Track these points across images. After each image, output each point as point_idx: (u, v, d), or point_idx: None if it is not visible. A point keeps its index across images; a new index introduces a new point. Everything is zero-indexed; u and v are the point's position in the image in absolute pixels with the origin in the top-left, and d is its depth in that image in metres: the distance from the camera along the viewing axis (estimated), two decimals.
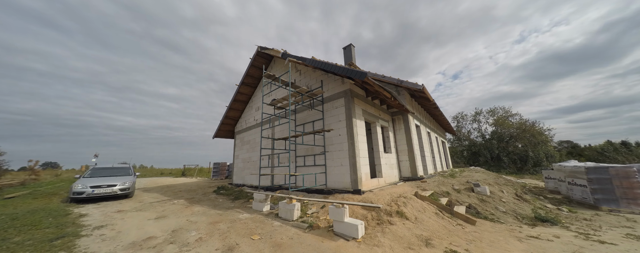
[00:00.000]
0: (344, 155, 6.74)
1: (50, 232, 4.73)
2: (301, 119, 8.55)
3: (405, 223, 4.63)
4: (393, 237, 4.09)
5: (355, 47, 11.05)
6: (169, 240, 4.26)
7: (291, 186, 7.84)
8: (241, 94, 12.20)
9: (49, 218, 5.76)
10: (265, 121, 10.38)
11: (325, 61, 6.68)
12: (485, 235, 4.64)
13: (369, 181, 7.01)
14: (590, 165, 8.63)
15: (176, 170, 28.05)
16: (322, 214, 5.19)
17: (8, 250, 3.82)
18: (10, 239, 4.29)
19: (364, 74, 5.47)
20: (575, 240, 4.53)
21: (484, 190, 8.45)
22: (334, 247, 3.79)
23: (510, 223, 6.00)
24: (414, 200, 5.96)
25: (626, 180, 7.52)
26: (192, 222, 5.44)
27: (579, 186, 8.64)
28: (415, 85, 7.84)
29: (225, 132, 14.01)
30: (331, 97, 7.60)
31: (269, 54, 9.76)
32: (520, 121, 26.12)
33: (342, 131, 6.94)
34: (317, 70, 8.26)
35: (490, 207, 7.20)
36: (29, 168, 14.68)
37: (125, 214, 6.41)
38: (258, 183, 9.38)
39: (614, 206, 7.51)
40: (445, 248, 3.80)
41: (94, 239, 4.40)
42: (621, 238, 4.70)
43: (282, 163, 9.10)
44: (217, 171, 19.18)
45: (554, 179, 10.97)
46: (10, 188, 11.19)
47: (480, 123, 30.02)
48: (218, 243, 4.10)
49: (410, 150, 9.50)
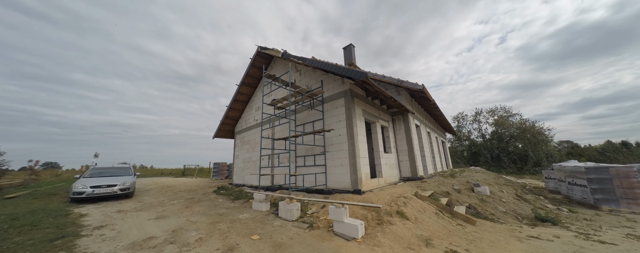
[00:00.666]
0: (344, 155, 6.74)
1: (50, 232, 4.74)
2: (301, 119, 8.55)
3: (405, 223, 4.63)
4: (393, 237, 4.09)
5: (355, 47, 11.06)
6: (169, 240, 4.27)
7: (291, 186, 7.84)
8: (241, 94, 12.21)
9: (49, 218, 5.77)
10: (266, 121, 10.38)
11: (325, 61, 6.68)
12: (485, 235, 4.64)
13: (369, 181, 7.01)
14: (590, 165, 8.63)
15: (176, 170, 28.06)
16: (322, 214, 5.18)
17: (8, 250, 3.83)
18: (11, 239, 4.29)
19: (364, 74, 5.47)
20: (575, 240, 4.53)
21: (484, 190, 8.46)
22: (334, 247, 3.79)
23: (510, 223, 6.00)
24: (414, 200, 5.96)
25: (626, 179, 7.53)
26: (192, 222, 5.44)
27: (579, 186, 8.64)
28: (415, 85, 7.83)
29: (225, 132, 14.02)
30: (331, 97, 7.60)
31: (269, 54, 9.77)
32: (520, 121, 26.14)
33: (342, 131, 6.94)
34: (317, 70, 8.27)
35: (491, 207, 7.21)
36: (29, 168, 14.67)
37: (125, 214, 6.42)
38: (258, 183, 9.37)
39: (614, 206, 7.51)
40: (445, 249, 3.80)
41: (94, 239, 4.40)
42: (621, 239, 4.70)
43: (282, 163, 9.10)
44: (217, 171, 19.20)
45: (554, 179, 10.98)
46: (11, 188, 11.20)
47: (480, 123, 30.07)
48: (218, 243, 4.10)
49: (411, 150, 9.50)
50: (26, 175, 14.23)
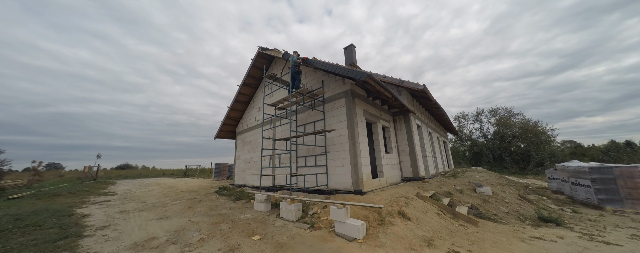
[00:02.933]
0: (345, 156, 6.73)
1: (53, 232, 4.77)
2: (302, 120, 8.55)
3: (407, 224, 4.61)
4: (395, 237, 4.07)
5: (356, 47, 11.05)
6: (171, 241, 4.28)
7: (292, 186, 7.83)
8: (242, 95, 12.24)
9: (53, 218, 5.81)
10: (267, 122, 10.39)
11: (326, 62, 6.68)
12: (487, 236, 4.61)
13: (371, 181, 7.00)
14: (593, 165, 8.56)
15: (178, 171, 28.17)
16: (324, 215, 5.18)
17: (12, 250, 3.85)
18: (15, 239, 4.33)
19: (365, 74, 5.47)
20: (579, 240, 4.49)
21: (486, 191, 8.41)
22: (335, 248, 3.78)
23: (513, 223, 5.96)
24: (415, 201, 5.94)
25: (631, 179, 7.45)
26: (194, 223, 5.45)
27: (582, 187, 8.57)
28: (416, 85, 7.82)
29: (226, 133, 14.04)
30: (332, 97, 7.59)
31: (270, 54, 9.79)
32: (523, 120, 25.99)
33: (343, 132, 6.93)
34: (318, 70, 8.27)
35: (493, 208, 7.17)
36: (32, 169, 14.80)
37: (127, 214, 6.45)
38: (259, 183, 9.38)
39: (618, 207, 7.44)
40: (447, 249, 3.78)
41: (97, 239, 4.42)
42: (626, 239, 4.65)
43: (284, 164, 9.11)
44: (219, 172, 19.25)
45: (557, 179, 10.90)
46: (15, 189, 11.29)
47: (482, 123, 29.91)
48: (220, 243, 4.11)
49: (412, 150, 9.47)
50: (30, 175, 14.35)
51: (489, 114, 29.29)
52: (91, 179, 17.27)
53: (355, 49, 10.93)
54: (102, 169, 22.90)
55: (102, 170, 22.98)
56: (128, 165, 40.44)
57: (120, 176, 22.45)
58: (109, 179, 19.08)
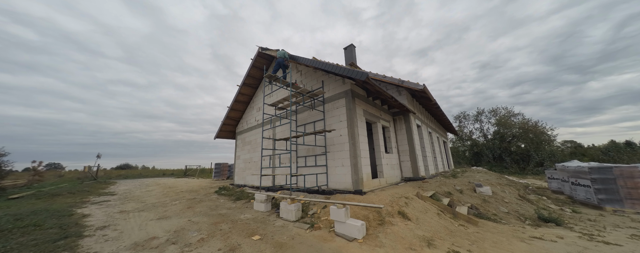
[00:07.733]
0: (345, 156, 6.73)
1: (53, 232, 4.77)
2: (302, 120, 8.55)
3: (407, 224, 4.62)
4: (394, 237, 4.07)
5: (356, 47, 11.06)
6: (171, 241, 4.28)
7: (292, 186, 7.84)
8: (242, 95, 12.23)
9: (53, 218, 5.80)
10: (267, 122, 10.39)
11: (326, 62, 6.68)
12: (487, 236, 4.61)
13: (371, 181, 7.00)
14: (593, 165, 8.56)
15: (178, 171, 28.17)
16: (324, 215, 5.18)
17: (12, 250, 3.85)
18: (15, 239, 4.32)
19: (365, 74, 5.47)
20: (579, 240, 4.50)
21: (486, 191, 8.41)
22: (335, 248, 3.78)
23: (513, 223, 5.96)
24: (415, 201, 5.94)
25: (631, 179, 7.45)
26: (193, 223, 5.46)
27: (582, 187, 8.57)
28: (416, 85, 7.81)
29: (226, 133, 14.04)
30: (332, 97, 7.59)
31: (269, 55, 9.78)
32: (523, 120, 26.00)
33: (343, 132, 6.93)
34: (318, 70, 8.27)
35: (493, 208, 7.17)
36: (32, 169, 14.80)
37: (127, 214, 6.45)
38: (259, 183, 9.38)
39: (618, 207, 7.44)
40: (447, 249, 3.78)
41: (97, 239, 4.42)
42: (626, 239, 4.65)
43: (283, 164, 9.11)
44: (219, 172, 19.25)
45: (557, 179, 10.90)
46: (15, 189, 11.29)
47: (482, 123, 29.93)
48: (220, 243, 4.11)
49: (412, 150, 9.47)
50: (30, 175, 14.35)
51: (489, 114, 29.33)
52: (91, 179, 17.28)
53: (355, 49, 10.94)
54: (102, 169, 22.91)
55: (102, 169, 22.99)
56: (128, 165, 40.45)
57: (120, 176, 22.46)
58: (109, 179, 19.09)
